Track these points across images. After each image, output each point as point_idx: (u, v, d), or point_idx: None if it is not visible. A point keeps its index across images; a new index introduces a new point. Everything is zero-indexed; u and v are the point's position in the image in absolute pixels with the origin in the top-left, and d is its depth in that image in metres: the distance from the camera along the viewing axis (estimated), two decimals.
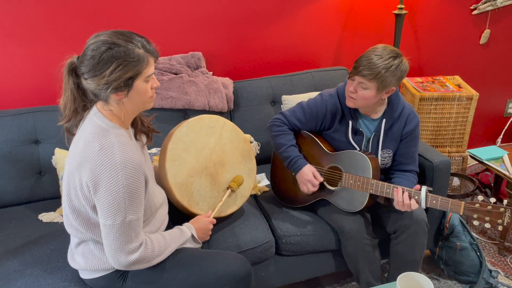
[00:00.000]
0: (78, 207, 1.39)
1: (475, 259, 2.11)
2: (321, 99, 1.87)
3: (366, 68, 1.65)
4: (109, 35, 1.28)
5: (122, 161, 1.29)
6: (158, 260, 1.44)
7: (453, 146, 2.77)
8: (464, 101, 2.63)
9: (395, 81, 1.69)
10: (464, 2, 2.87)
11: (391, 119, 1.83)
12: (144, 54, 1.30)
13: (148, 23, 2.32)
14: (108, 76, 1.26)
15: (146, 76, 1.32)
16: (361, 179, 1.76)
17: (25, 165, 2.03)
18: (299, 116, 1.90)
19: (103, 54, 1.25)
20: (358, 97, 1.72)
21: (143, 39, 1.32)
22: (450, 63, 3.02)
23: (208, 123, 1.73)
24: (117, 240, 1.34)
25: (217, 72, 2.53)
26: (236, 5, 2.44)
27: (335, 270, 2.02)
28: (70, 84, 1.34)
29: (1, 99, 2.21)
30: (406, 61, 1.70)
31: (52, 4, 2.13)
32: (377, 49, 1.68)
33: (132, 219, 1.34)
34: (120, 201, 1.30)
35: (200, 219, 1.62)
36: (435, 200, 1.65)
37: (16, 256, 1.69)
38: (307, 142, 1.93)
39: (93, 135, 1.33)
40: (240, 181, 1.77)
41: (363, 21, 2.73)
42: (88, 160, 1.30)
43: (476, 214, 1.58)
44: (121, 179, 1.28)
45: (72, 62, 1.32)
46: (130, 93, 1.32)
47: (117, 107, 1.35)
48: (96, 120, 1.35)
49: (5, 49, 2.14)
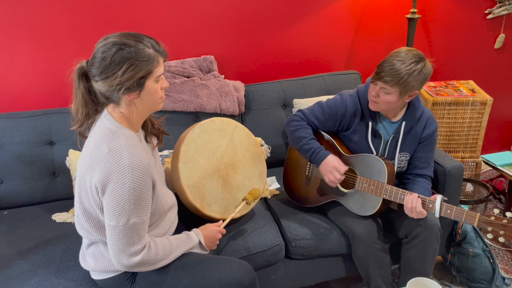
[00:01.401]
0: (89, 209, 1.41)
1: (488, 266, 2.08)
2: (341, 99, 1.86)
3: (388, 74, 1.64)
4: (118, 36, 1.30)
5: (130, 164, 1.30)
6: (162, 263, 1.44)
7: (466, 151, 2.74)
8: (478, 106, 2.60)
9: (418, 85, 1.68)
10: (479, 6, 2.85)
11: (410, 122, 1.82)
12: (154, 54, 1.32)
13: (162, 27, 2.34)
14: (120, 76, 1.27)
15: (157, 76, 1.34)
16: (375, 183, 1.75)
17: (40, 166, 2.07)
18: (317, 115, 1.89)
19: (114, 55, 1.26)
20: (380, 101, 1.72)
21: (152, 39, 1.34)
22: (463, 67, 3.00)
23: (220, 126, 1.75)
24: (119, 241, 1.34)
25: (228, 75, 2.55)
26: (248, 10, 2.46)
27: (345, 274, 2.01)
28: (81, 89, 1.35)
29: (17, 100, 2.25)
30: (429, 64, 1.69)
31: (68, 9, 2.17)
32: (400, 54, 1.66)
33: (136, 222, 1.34)
34: (125, 203, 1.30)
35: (209, 227, 1.60)
36: (450, 210, 1.63)
37: (29, 255, 1.72)
38: (323, 142, 1.91)
39: (102, 138, 1.34)
40: (257, 195, 1.77)
41: (375, 25, 2.72)
42: (97, 162, 1.32)
43: (490, 227, 1.56)
44: (128, 181, 1.29)
45: (82, 66, 1.33)
46: (142, 93, 1.33)
47: (128, 109, 1.36)
48: (105, 122, 1.36)
49: (22, 51, 2.18)
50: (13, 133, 2.03)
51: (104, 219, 1.36)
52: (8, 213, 2.02)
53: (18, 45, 2.16)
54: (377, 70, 1.69)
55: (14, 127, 2.04)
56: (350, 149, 1.90)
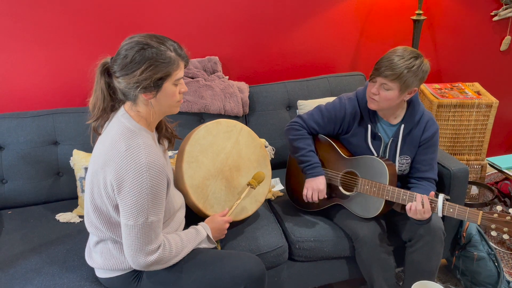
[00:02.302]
0: (100, 206, 1.41)
1: (492, 269, 2.06)
2: (340, 103, 1.86)
3: (388, 69, 1.64)
4: (143, 37, 1.33)
5: (147, 163, 1.32)
6: (175, 260, 1.46)
7: (471, 154, 2.73)
8: (484, 108, 2.59)
9: (417, 82, 1.68)
10: (484, 8, 2.83)
11: (410, 125, 1.81)
12: (175, 57, 1.34)
13: (166, 27, 2.35)
14: (139, 75, 1.29)
15: (176, 79, 1.35)
16: (377, 185, 1.74)
17: (44, 165, 2.07)
18: (317, 119, 1.89)
19: (135, 54, 1.29)
20: (380, 98, 1.71)
21: (175, 43, 1.36)
22: (469, 69, 2.98)
23: (226, 128, 1.75)
24: (137, 241, 1.36)
25: (233, 76, 2.55)
26: (253, 11, 2.46)
27: (349, 277, 2.00)
28: (101, 84, 1.37)
29: (22, 100, 2.26)
30: (427, 61, 1.70)
31: (73, 9, 2.17)
32: (398, 50, 1.68)
33: (154, 221, 1.36)
34: (143, 202, 1.32)
35: (215, 218, 1.62)
36: (452, 208, 1.62)
37: (33, 255, 1.72)
38: (323, 146, 1.92)
39: (120, 136, 1.36)
40: (261, 178, 1.76)
41: (380, 27, 2.71)
42: (113, 160, 1.33)
43: (494, 224, 1.55)
44: (146, 180, 1.31)
45: (106, 62, 1.36)
46: (159, 94, 1.35)
47: (145, 108, 1.38)
48: (123, 121, 1.38)
49: (26, 52, 2.19)
50: (17, 133, 2.04)
51: (121, 219, 1.37)
52: (12, 212, 2.02)
53: (23, 45, 2.17)
54: (376, 66, 1.70)
55: (18, 127, 2.05)
56: (351, 152, 1.90)
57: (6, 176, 2.04)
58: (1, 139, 2.03)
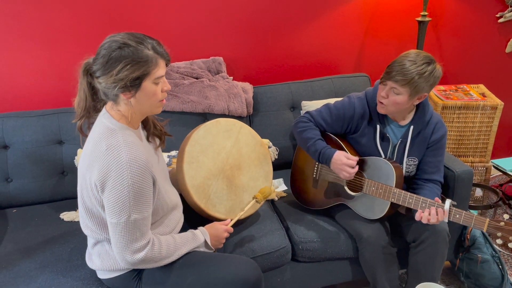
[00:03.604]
0: (91, 208, 1.42)
1: (496, 272, 2.05)
2: (349, 102, 1.86)
3: (399, 74, 1.63)
4: (122, 36, 1.32)
5: (128, 160, 1.31)
6: (166, 261, 1.45)
7: (476, 156, 2.72)
8: (488, 110, 2.58)
9: (428, 87, 1.67)
10: (490, 10, 2.82)
11: (419, 126, 1.80)
12: (153, 55, 1.32)
13: (171, 28, 2.35)
14: (116, 74, 1.28)
15: (155, 77, 1.33)
16: (383, 187, 1.74)
17: (49, 165, 2.09)
18: (325, 117, 1.89)
19: (113, 53, 1.28)
20: (389, 102, 1.70)
21: (154, 41, 1.34)
22: (474, 71, 2.97)
23: (225, 127, 1.75)
24: (122, 238, 1.35)
25: (237, 77, 2.55)
26: (258, 12, 2.46)
27: (352, 278, 2.00)
28: (84, 84, 1.37)
29: (27, 100, 2.27)
30: (439, 67, 1.68)
31: (75, 9, 2.19)
32: (410, 55, 1.66)
33: (137, 219, 1.34)
34: (125, 200, 1.31)
35: (216, 225, 1.60)
36: (459, 214, 1.61)
37: (37, 253, 1.73)
38: (331, 145, 1.90)
39: (100, 136, 1.36)
40: (267, 193, 1.76)
41: (385, 28, 2.71)
42: (96, 160, 1.33)
43: (500, 232, 1.54)
44: (127, 177, 1.30)
45: (88, 62, 1.36)
46: (138, 93, 1.33)
47: (125, 108, 1.37)
48: (103, 120, 1.38)
49: (31, 52, 2.20)
50: (23, 132, 2.05)
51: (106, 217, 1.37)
52: (17, 211, 2.04)
53: (28, 45, 2.18)
54: (387, 70, 1.69)
55: (24, 126, 2.06)
56: (358, 152, 1.89)
57: (11, 175, 2.05)
58: (7, 138, 2.04)
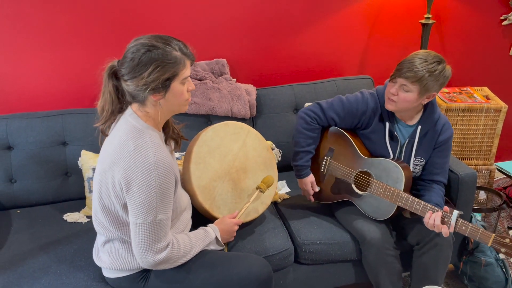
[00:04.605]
0: (109, 205, 1.42)
1: (500, 275, 2.05)
2: (363, 97, 1.86)
3: (410, 71, 1.64)
4: (148, 38, 1.34)
5: (155, 161, 1.33)
6: (183, 260, 1.46)
7: (480, 158, 2.71)
8: (492, 113, 2.57)
9: (437, 87, 1.68)
10: (494, 12, 2.82)
11: (426, 127, 1.80)
12: (181, 56, 1.35)
13: (174, 29, 2.36)
14: (147, 77, 1.30)
15: (183, 78, 1.37)
16: (391, 190, 1.74)
17: (53, 166, 2.09)
18: (337, 110, 1.86)
19: (142, 56, 1.30)
20: (399, 99, 1.70)
21: (180, 42, 1.37)
22: (478, 74, 2.96)
23: (233, 129, 1.75)
24: (146, 239, 1.37)
25: (240, 79, 2.55)
26: (261, 13, 2.46)
27: (355, 281, 1.99)
28: (109, 87, 1.39)
29: (32, 101, 2.28)
30: (449, 67, 1.69)
31: (80, 11, 2.19)
32: (420, 53, 1.67)
33: (162, 219, 1.37)
34: (152, 200, 1.33)
35: (225, 220, 1.63)
36: (465, 226, 1.60)
37: (41, 254, 1.73)
38: (341, 141, 1.90)
39: (128, 135, 1.37)
40: (270, 182, 1.78)
41: (389, 30, 2.70)
42: (122, 159, 1.34)
43: (504, 248, 1.54)
44: (154, 178, 1.32)
45: (113, 65, 1.38)
46: (167, 94, 1.36)
47: (153, 109, 1.39)
48: (131, 120, 1.40)
49: (36, 53, 2.21)
50: (27, 133, 2.06)
51: (129, 218, 1.38)
52: (21, 212, 2.04)
53: (33, 47, 2.19)
54: (397, 67, 1.69)
55: (28, 127, 2.07)
56: (368, 149, 1.89)
57: (15, 176, 2.06)
58: (11, 139, 2.05)
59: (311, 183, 1.93)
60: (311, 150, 1.91)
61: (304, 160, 1.90)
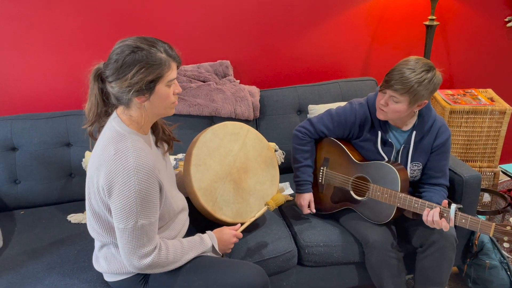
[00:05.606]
0: (98, 211, 1.42)
1: (505, 278, 2.03)
2: (351, 108, 1.86)
3: (398, 83, 1.62)
4: (133, 40, 1.32)
5: (136, 166, 1.31)
6: (173, 266, 1.45)
7: (484, 161, 2.70)
8: (497, 115, 2.56)
9: (427, 95, 1.66)
10: (498, 14, 2.81)
11: (421, 132, 1.79)
12: (166, 58, 1.32)
13: (178, 31, 2.36)
14: (130, 78, 1.28)
15: (168, 80, 1.34)
16: (388, 192, 1.73)
17: (57, 167, 2.10)
18: (327, 124, 1.89)
19: (126, 58, 1.29)
20: (389, 110, 1.70)
21: (166, 44, 1.35)
22: (482, 75, 2.95)
23: (232, 130, 1.75)
24: (129, 244, 1.35)
25: (244, 80, 2.55)
26: (265, 15, 2.47)
27: (358, 283, 1.99)
28: (95, 90, 1.37)
29: (36, 102, 2.29)
30: (439, 73, 1.67)
31: (84, 12, 2.21)
32: (410, 62, 1.65)
33: (144, 224, 1.34)
34: (132, 205, 1.31)
35: (225, 230, 1.60)
36: (465, 219, 1.60)
37: (44, 255, 1.74)
38: (335, 150, 1.91)
39: (109, 140, 1.36)
40: (279, 201, 1.77)
41: (393, 32, 2.70)
42: (104, 164, 1.33)
43: (506, 236, 1.53)
44: (134, 183, 1.30)
45: (99, 68, 1.36)
46: (152, 97, 1.34)
47: (138, 112, 1.37)
48: (114, 125, 1.38)
49: (40, 54, 2.22)
50: (31, 134, 2.07)
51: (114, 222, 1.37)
52: (25, 212, 2.05)
53: (37, 48, 2.21)
54: (386, 78, 1.68)
55: (32, 128, 2.07)
56: (362, 156, 1.89)
57: (19, 177, 2.07)
58: (15, 140, 2.06)
59: (309, 202, 1.92)
60: (310, 164, 1.93)
61: (306, 175, 1.92)
